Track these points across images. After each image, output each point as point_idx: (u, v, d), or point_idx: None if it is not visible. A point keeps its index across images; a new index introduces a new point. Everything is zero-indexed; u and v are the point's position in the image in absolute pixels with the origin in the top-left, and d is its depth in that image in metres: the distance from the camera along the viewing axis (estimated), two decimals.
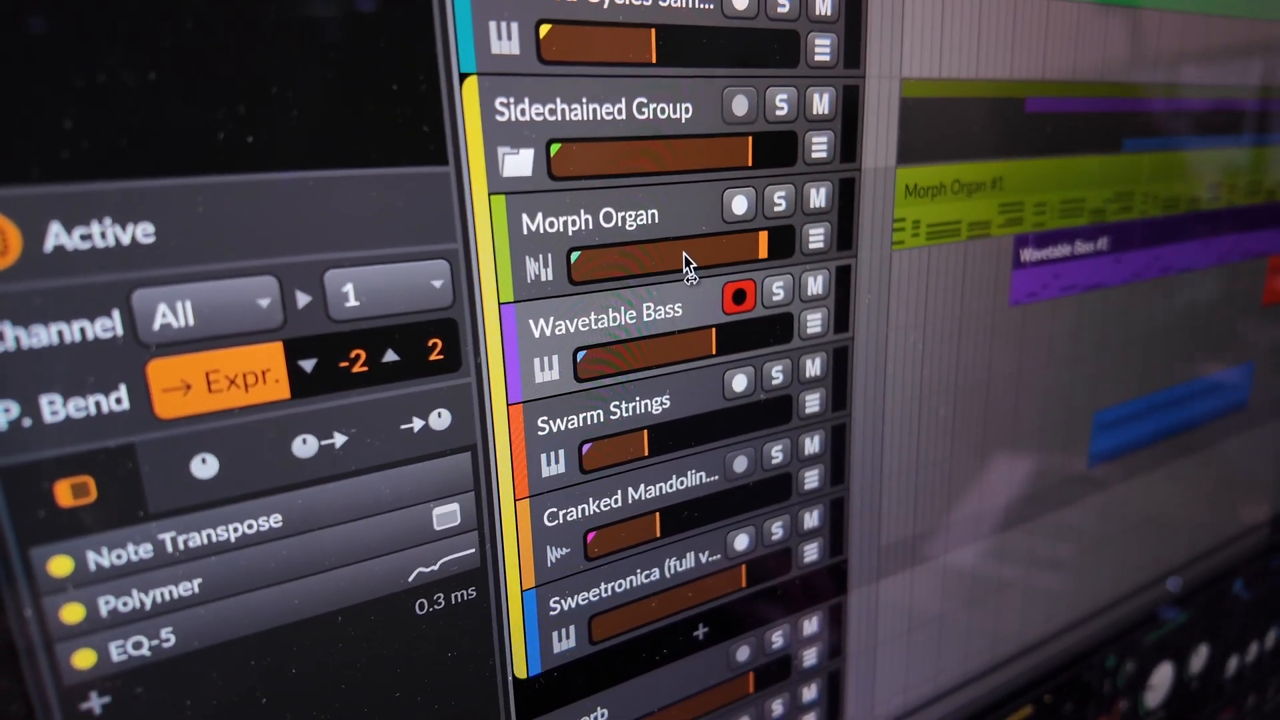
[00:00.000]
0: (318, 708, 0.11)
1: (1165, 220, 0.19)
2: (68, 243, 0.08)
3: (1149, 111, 0.17)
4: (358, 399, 0.10)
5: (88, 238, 0.08)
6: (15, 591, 0.09)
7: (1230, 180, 0.20)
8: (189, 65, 0.09)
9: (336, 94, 0.09)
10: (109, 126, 0.08)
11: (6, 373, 0.08)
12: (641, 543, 0.13)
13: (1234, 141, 0.20)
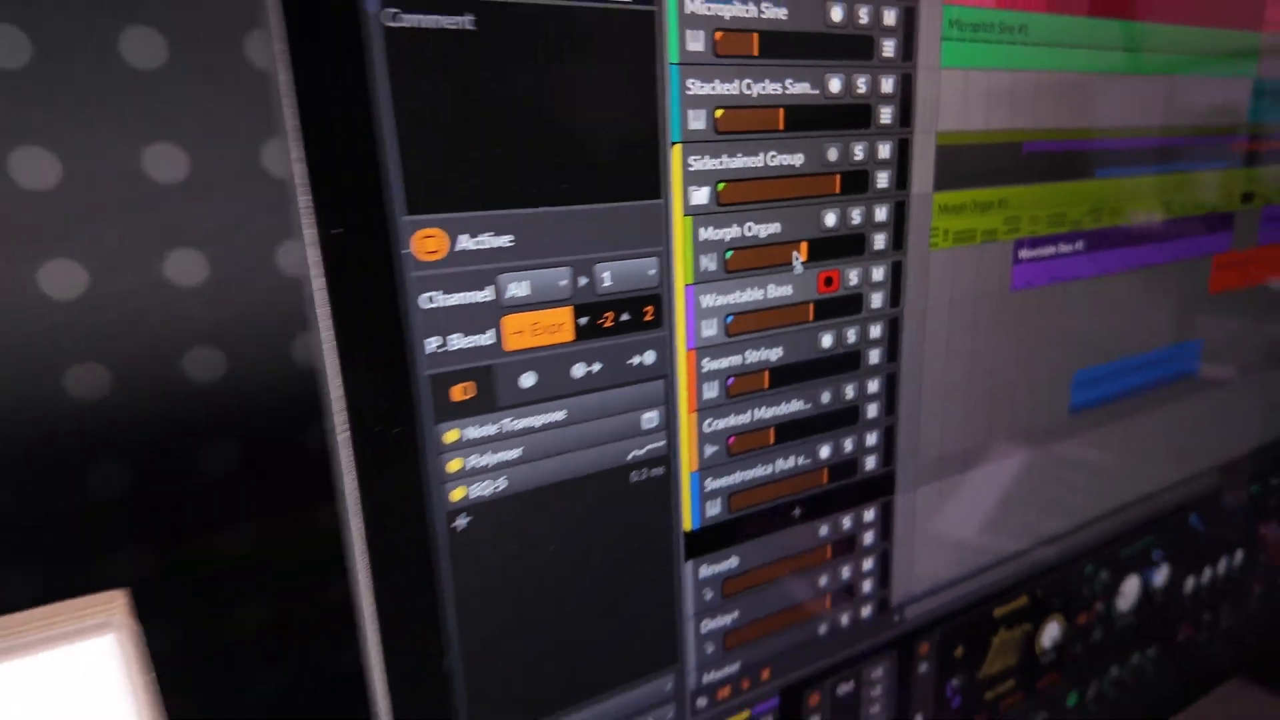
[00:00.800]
0: (577, 537, 0.17)
1: (1128, 228, 0.25)
2: (469, 245, 0.15)
3: (1114, 149, 0.24)
4: (608, 343, 0.16)
5: (480, 243, 0.15)
6: (427, 451, 0.15)
7: (1179, 197, 0.26)
8: (544, 154, 0.15)
9: (609, 161, 0.15)
10: (498, 180, 0.14)
11: (434, 320, 0.14)
12: (761, 447, 0.19)
13: (1179, 168, 0.26)
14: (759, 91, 0.17)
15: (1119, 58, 0.23)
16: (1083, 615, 0.28)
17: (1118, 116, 0.23)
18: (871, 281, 0.19)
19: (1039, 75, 0.21)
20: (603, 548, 0.17)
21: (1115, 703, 0.31)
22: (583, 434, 0.16)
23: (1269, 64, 0.27)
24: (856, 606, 0.22)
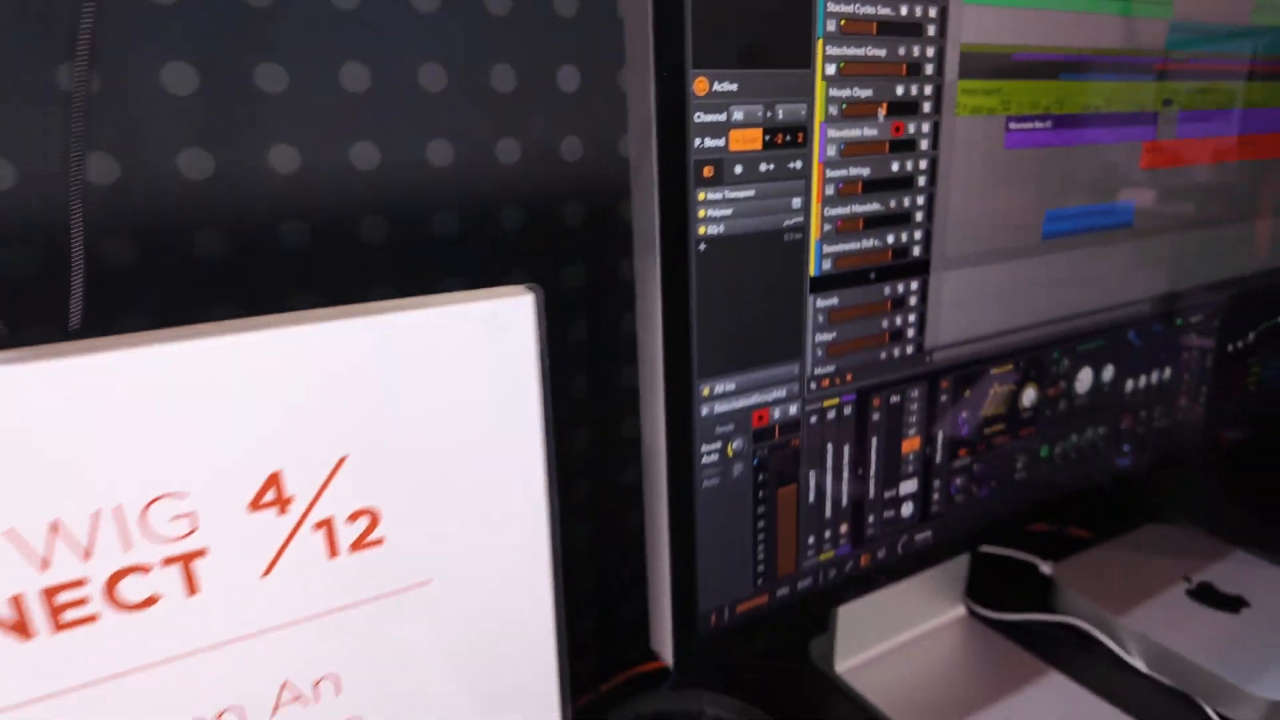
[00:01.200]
0: (755, 269, 0.30)
1: (1082, 115, 0.37)
2: (718, 87, 0.27)
3: (1072, 60, 0.36)
4: (778, 153, 0.29)
5: (722, 86, 0.27)
6: (689, 204, 0.28)
7: (1118, 98, 0.39)
8: (753, 42, 0.27)
9: (786, 46, 0.28)
10: (732, 53, 0.27)
11: (700, 129, 0.27)
12: (854, 230, 0.32)
13: (1117, 78, 0.38)
14: (863, 11, 0.29)
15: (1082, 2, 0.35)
16: (1051, 389, 0.41)
17: (1074, 39, 0.36)
18: (922, 132, 0.32)
19: (1025, 12, 0.34)
20: (768, 279, 0.30)
21: (1076, 464, 0.44)
22: (762, 206, 0.29)
23: (1181, 9, 0.39)
24: (903, 344, 0.35)
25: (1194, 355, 0.48)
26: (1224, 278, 0.48)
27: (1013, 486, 0.41)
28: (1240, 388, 0.53)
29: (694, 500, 0.31)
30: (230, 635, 0.24)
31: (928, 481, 0.37)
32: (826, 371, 0.33)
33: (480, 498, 0.27)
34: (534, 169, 0.43)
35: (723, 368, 0.30)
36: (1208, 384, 0.50)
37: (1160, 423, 0.48)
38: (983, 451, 0.39)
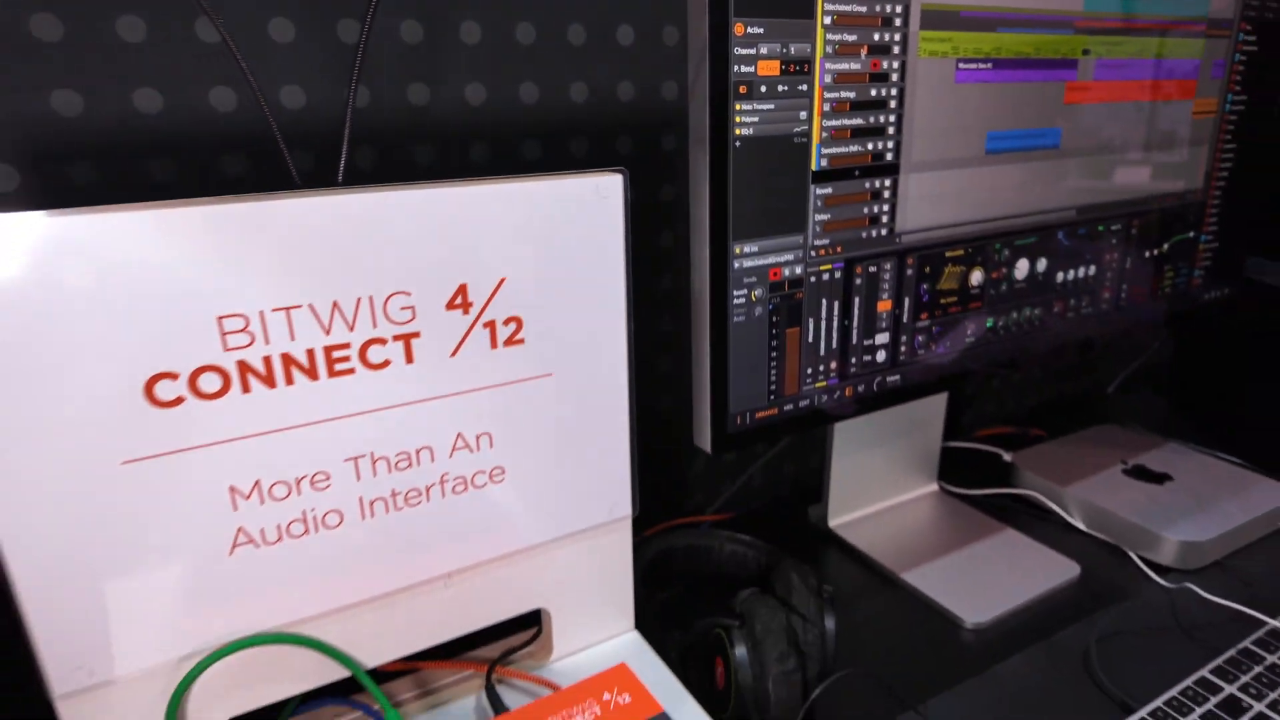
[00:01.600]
0: (772, 161, 0.42)
1: (1015, 59, 0.50)
2: (750, 30, 0.39)
3: (1009, 17, 0.48)
4: (789, 79, 0.41)
5: (753, 29, 0.40)
6: (729, 112, 0.40)
7: (1045, 46, 0.51)
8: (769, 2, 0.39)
9: (794, 2, 0.40)
10: (762, 8, 0.39)
11: (737, 59, 0.39)
12: (844, 138, 0.44)
13: (1045, 32, 0.50)
14: None
15: None
16: (995, 273, 0.54)
17: (1010, 1, 0.48)
18: (893, 68, 0.45)
19: None
20: (782, 170, 0.43)
21: (1017, 336, 0.56)
22: (779, 116, 0.42)
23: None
24: (879, 227, 0.47)
25: (1115, 258, 0.61)
26: (1139, 195, 0.60)
27: (964, 347, 0.54)
28: (1157, 290, 0.66)
29: (727, 332, 0.43)
30: (429, 394, 0.37)
31: (896, 336, 0.50)
32: (823, 243, 0.45)
33: (585, 318, 0.40)
34: (597, 107, 0.55)
35: (749, 233, 0.42)
36: (1127, 283, 0.63)
37: (1087, 310, 0.61)
38: (939, 317, 0.52)
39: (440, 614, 0.41)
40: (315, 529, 0.36)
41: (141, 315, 0.30)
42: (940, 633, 0.58)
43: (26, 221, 0.28)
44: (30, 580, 0.30)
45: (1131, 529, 0.67)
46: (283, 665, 0.37)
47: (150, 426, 0.31)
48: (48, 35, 0.40)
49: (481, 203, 0.36)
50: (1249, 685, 0.52)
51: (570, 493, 0.42)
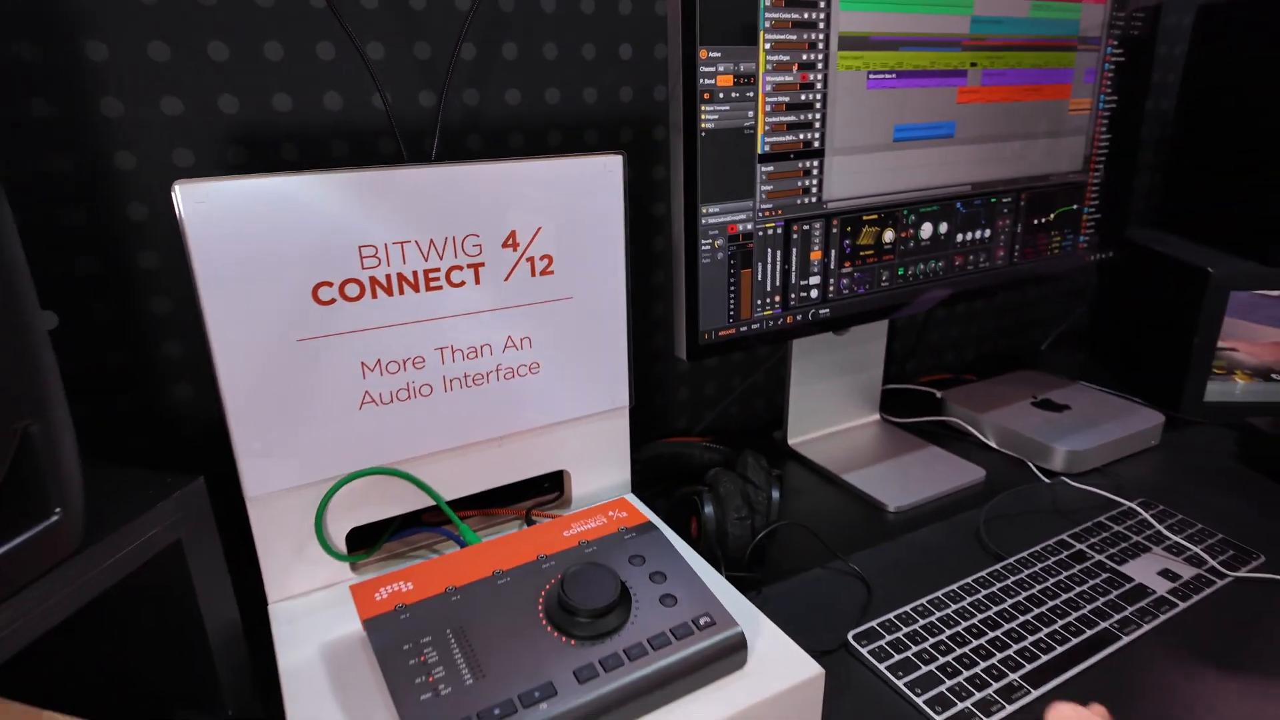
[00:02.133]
0: (726, 153, 0.59)
1: (915, 71, 0.66)
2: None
3: (910, 40, 0.65)
4: (740, 91, 0.58)
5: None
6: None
7: (939, 61, 0.67)
8: (721, 22, 0.56)
9: (747, 25, 0.57)
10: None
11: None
12: (780, 131, 0.61)
13: (939, 49, 0.67)
14: (784, 16, 0.58)
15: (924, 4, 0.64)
16: (904, 232, 0.71)
17: (910, 28, 0.65)
18: (817, 79, 0.61)
19: (878, 15, 0.63)
20: (736, 153, 0.60)
21: (921, 279, 0.73)
22: (732, 115, 0.59)
23: (979, 7, 0.68)
24: (809, 196, 0.64)
25: (1007, 224, 0.78)
26: (1026, 175, 0.77)
27: (879, 290, 0.71)
28: (1046, 251, 0.83)
29: (697, 271, 0.60)
30: (490, 306, 0.54)
31: (825, 279, 0.67)
32: (767, 207, 0.62)
33: (596, 257, 0.57)
34: (603, 106, 0.72)
35: (713, 199, 0.60)
36: (1019, 245, 0.80)
37: (985, 264, 0.78)
38: (859, 265, 0.69)
39: (493, 467, 0.58)
40: (414, 396, 0.53)
41: (312, 244, 0.47)
42: (868, 515, 0.75)
43: (243, 183, 0.45)
44: (239, 416, 0.48)
45: (1030, 444, 0.84)
46: (388, 493, 0.55)
47: (314, 318, 0.49)
48: (217, 56, 0.57)
49: (525, 174, 0.53)
50: (1095, 544, 0.69)
51: (584, 385, 0.60)
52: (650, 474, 0.77)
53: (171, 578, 0.46)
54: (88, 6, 0.53)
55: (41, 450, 0.37)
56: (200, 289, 0.45)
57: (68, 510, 0.39)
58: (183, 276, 0.59)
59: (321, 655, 0.48)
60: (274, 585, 0.53)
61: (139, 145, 0.57)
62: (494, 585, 0.47)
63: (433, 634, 0.44)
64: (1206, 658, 0.55)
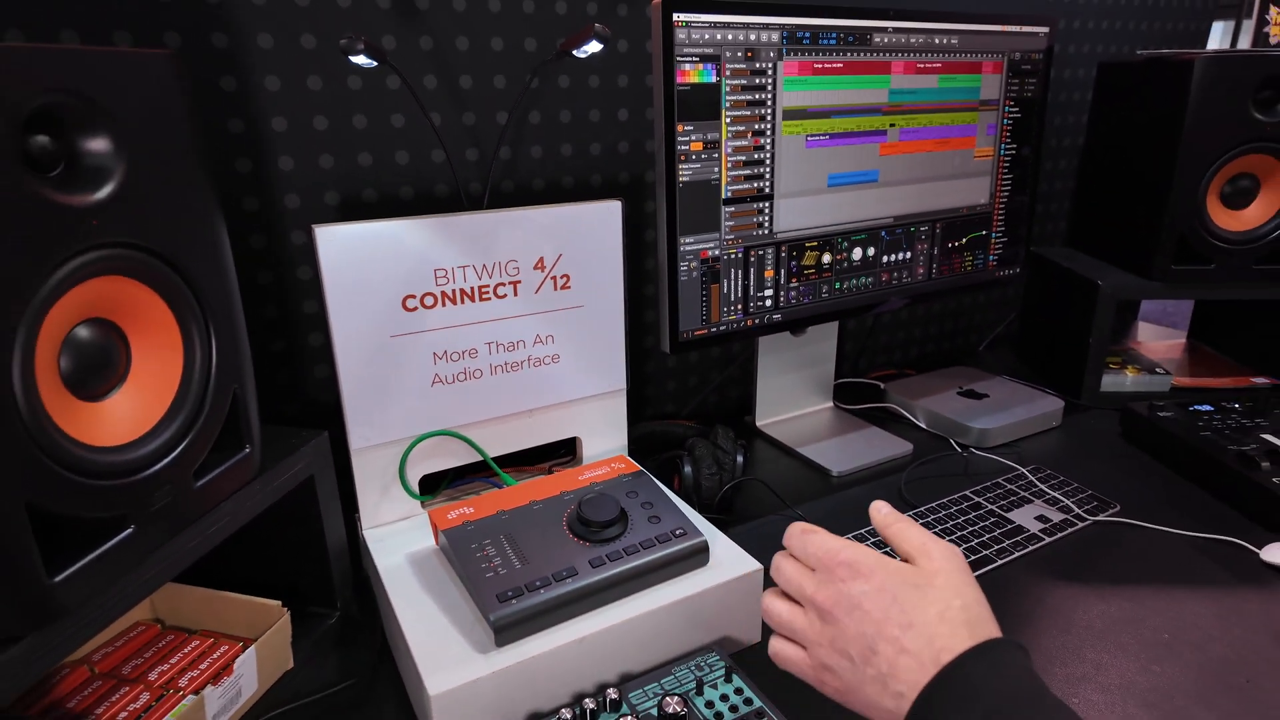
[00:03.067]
0: (698, 198, 0.79)
1: (845, 133, 0.87)
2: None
3: (842, 111, 0.85)
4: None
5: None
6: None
7: (865, 124, 0.88)
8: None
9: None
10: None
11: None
12: (738, 180, 0.81)
13: (864, 115, 0.87)
14: (740, 98, 0.79)
15: (850, 82, 0.85)
16: (839, 255, 0.91)
17: (839, 101, 0.85)
18: (767, 143, 0.82)
19: (814, 92, 0.83)
20: (705, 198, 0.80)
21: (854, 292, 0.94)
22: (702, 171, 0.79)
23: (896, 82, 0.88)
24: (763, 229, 0.84)
25: (925, 248, 0.98)
26: (940, 208, 0.98)
27: (820, 300, 0.91)
28: (960, 269, 1.03)
29: (677, 285, 0.80)
30: (524, 312, 0.74)
31: (776, 292, 0.87)
32: (730, 238, 0.82)
33: (600, 275, 0.77)
34: (605, 157, 0.92)
35: (688, 231, 0.80)
36: (936, 264, 1.00)
37: (908, 280, 0.98)
38: (803, 280, 0.89)
39: (525, 432, 0.78)
40: (469, 378, 0.73)
41: (403, 268, 0.67)
42: (816, 478, 0.95)
43: (359, 226, 0.65)
44: (350, 390, 0.67)
45: (952, 424, 1.04)
46: (449, 449, 0.74)
47: (402, 320, 0.68)
48: (319, 126, 0.77)
49: (550, 216, 0.73)
50: (989, 498, 0.89)
51: (591, 371, 0.79)
52: (643, 447, 0.97)
53: (305, 503, 0.65)
54: (271, 87, 0.73)
55: (241, 406, 0.57)
56: (328, 299, 0.65)
57: (253, 448, 0.59)
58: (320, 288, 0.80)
59: (407, 560, 0.67)
60: (367, 515, 0.72)
61: (299, 189, 0.77)
62: (531, 509, 0.67)
63: (490, 539, 0.63)
64: (1060, 576, 0.75)
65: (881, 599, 0.40)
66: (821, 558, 0.44)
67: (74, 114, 0.43)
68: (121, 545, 0.47)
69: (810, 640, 0.43)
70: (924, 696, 0.36)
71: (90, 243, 0.43)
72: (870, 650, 0.39)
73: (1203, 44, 1.43)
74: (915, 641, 0.38)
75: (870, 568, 0.41)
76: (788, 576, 0.46)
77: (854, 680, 0.40)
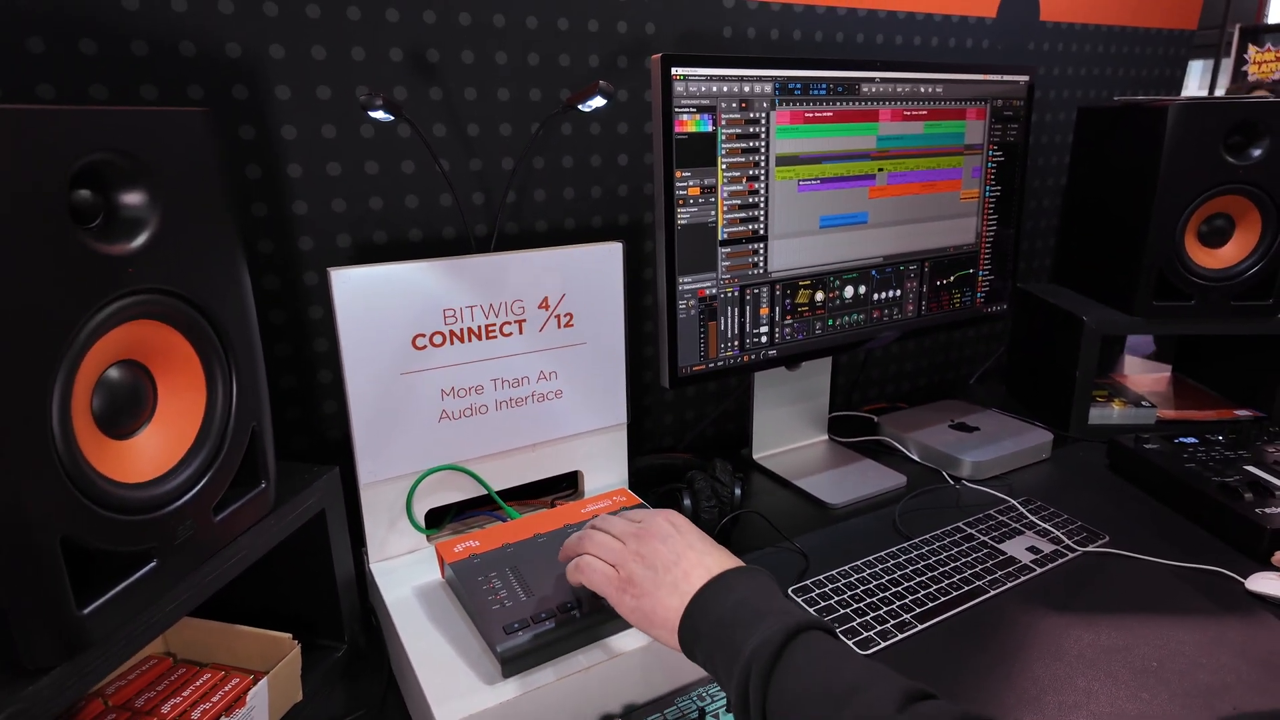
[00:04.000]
0: (695, 240, 0.83)
1: (836, 178, 0.91)
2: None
3: (833, 157, 0.89)
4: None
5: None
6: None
7: (857, 168, 0.92)
8: None
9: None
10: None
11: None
12: (734, 223, 0.85)
13: (856, 161, 0.92)
14: (735, 145, 0.83)
15: (840, 130, 0.89)
16: (831, 293, 0.94)
17: (830, 148, 0.89)
18: (761, 187, 0.85)
19: (806, 140, 0.87)
20: (702, 239, 0.83)
21: (846, 328, 0.97)
22: (700, 214, 0.82)
23: (884, 129, 0.93)
24: (758, 269, 0.88)
25: (914, 286, 1.02)
26: (928, 248, 1.01)
27: (814, 336, 0.94)
28: (948, 305, 1.07)
29: (676, 323, 0.83)
30: (529, 349, 0.77)
31: (772, 329, 0.90)
32: (727, 278, 0.86)
33: (602, 313, 0.80)
34: (605, 200, 0.96)
35: (686, 271, 0.83)
36: (925, 301, 1.03)
37: (898, 317, 1.01)
38: (797, 318, 0.92)
39: (529, 466, 0.80)
40: (475, 414, 0.75)
41: (413, 308, 0.70)
42: (812, 510, 0.97)
43: (372, 269, 0.68)
44: (360, 427, 0.70)
45: (944, 456, 1.07)
46: (455, 484, 0.76)
47: (411, 358, 0.71)
48: (332, 172, 0.81)
49: (555, 258, 0.76)
50: (981, 529, 0.91)
51: (593, 407, 0.82)
52: (644, 480, 0.99)
53: (316, 537, 0.67)
54: (288, 136, 0.77)
55: (259, 442, 0.59)
56: (341, 338, 0.67)
57: (269, 483, 0.61)
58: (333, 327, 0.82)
59: (414, 593, 0.69)
60: (375, 549, 0.74)
61: (312, 232, 0.80)
62: (535, 543, 0.69)
63: (496, 571, 0.65)
64: (1051, 606, 0.77)
65: (690, 534, 0.56)
66: (633, 518, 0.60)
67: (115, 170, 0.46)
68: (147, 578, 0.49)
69: (622, 558, 0.55)
70: (700, 591, 0.50)
71: (126, 289, 0.46)
72: (673, 563, 0.53)
73: (1180, 86, 1.49)
74: (706, 559, 0.53)
75: (678, 521, 0.58)
76: (604, 529, 0.60)
77: (651, 586, 0.52)
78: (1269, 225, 1.05)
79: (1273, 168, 1.02)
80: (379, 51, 0.80)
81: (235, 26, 0.73)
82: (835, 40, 1.08)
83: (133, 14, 0.69)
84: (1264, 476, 0.91)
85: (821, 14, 1.05)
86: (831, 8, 1.06)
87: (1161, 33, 1.40)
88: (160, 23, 0.70)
